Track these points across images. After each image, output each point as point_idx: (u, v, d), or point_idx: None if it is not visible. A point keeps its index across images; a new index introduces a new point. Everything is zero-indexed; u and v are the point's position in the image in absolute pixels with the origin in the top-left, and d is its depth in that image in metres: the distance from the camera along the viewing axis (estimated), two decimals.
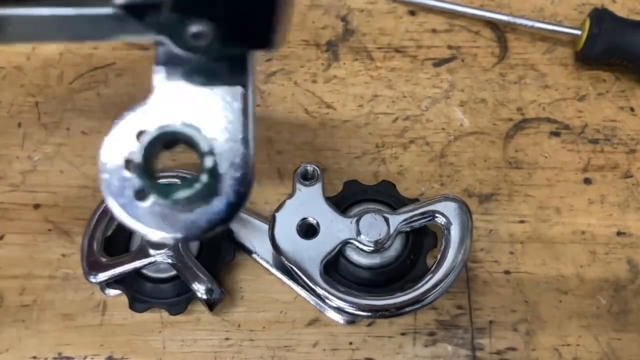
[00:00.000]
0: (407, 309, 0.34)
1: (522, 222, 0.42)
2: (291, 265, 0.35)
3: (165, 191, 0.21)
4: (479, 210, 0.42)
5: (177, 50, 0.21)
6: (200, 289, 0.35)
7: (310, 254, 0.35)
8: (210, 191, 0.22)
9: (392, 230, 0.36)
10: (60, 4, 0.21)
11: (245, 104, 0.23)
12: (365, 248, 0.36)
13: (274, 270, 0.39)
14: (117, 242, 0.38)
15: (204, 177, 0.22)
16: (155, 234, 0.22)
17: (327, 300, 0.34)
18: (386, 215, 0.36)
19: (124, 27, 0.21)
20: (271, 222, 0.37)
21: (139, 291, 0.37)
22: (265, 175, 0.43)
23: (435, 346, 0.38)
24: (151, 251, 0.36)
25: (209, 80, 0.22)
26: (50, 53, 0.47)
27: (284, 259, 0.36)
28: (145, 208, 0.21)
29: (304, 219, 0.37)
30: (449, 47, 0.48)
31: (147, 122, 0.22)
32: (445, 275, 0.34)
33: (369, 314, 0.35)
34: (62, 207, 0.42)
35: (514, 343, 0.38)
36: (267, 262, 0.39)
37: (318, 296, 0.35)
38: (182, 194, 0.21)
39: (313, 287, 0.35)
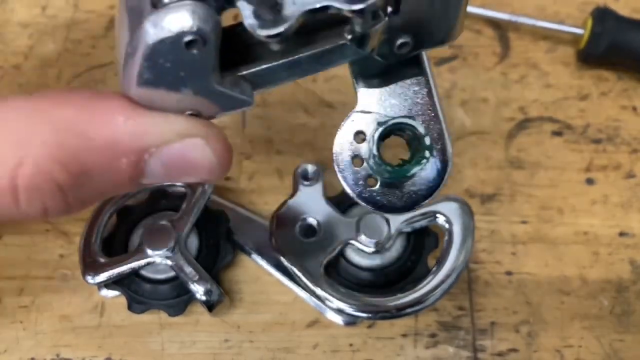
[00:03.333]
0: (408, 310, 0.34)
1: (524, 222, 0.42)
2: (291, 266, 0.35)
3: (400, 172, 0.27)
4: (480, 211, 0.42)
5: (373, 61, 0.26)
6: (199, 290, 0.35)
7: (311, 255, 0.35)
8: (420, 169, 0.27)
9: (392, 230, 0.36)
10: (305, 48, 0.25)
11: (429, 89, 0.28)
12: (365, 249, 0.36)
13: (273, 271, 0.39)
14: (116, 242, 0.38)
15: (427, 154, 0.27)
16: (388, 209, 0.27)
17: (327, 302, 0.34)
18: (387, 215, 0.36)
19: (344, 54, 0.26)
20: (271, 222, 0.37)
21: (138, 292, 0.37)
22: (265, 175, 0.43)
23: (436, 348, 0.38)
24: (150, 252, 0.36)
25: (397, 79, 0.27)
26: (48, 52, 0.47)
27: (284, 259, 0.35)
28: (376, 190, 0.27)
29: (304, 219, 0.36)
30: (450, 46, 0.47)
31: (363, 122, 0.28)
32: (447, 276, 0.34)
33: (370, 315, 0.34)
34: None
35: (516, 344, 0.38)
36: (267, 263, 0.39)
37: (318, 297, 0.34)
38: (414, 169, 0.27)
39: (313, 288, 0.34)
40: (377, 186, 0.27)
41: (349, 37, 0.24)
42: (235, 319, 0.38)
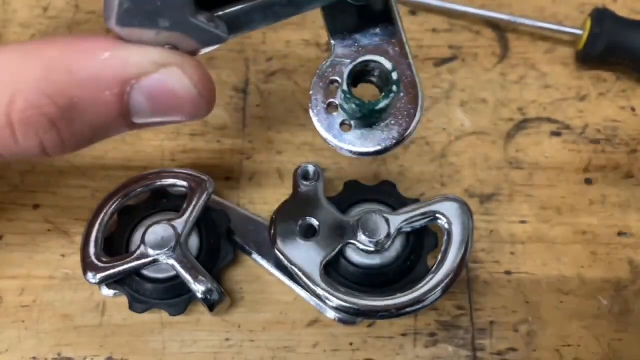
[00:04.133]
0: (407, 310, 0.34)
1: (522, 222, 0.42)
2: (291, 266, 0.35)
3: (369, 105, 0.28)
4: (479, 211, 0.42)
5: (345, 11, 0.28)
6: (199, 290, 0.35)
7: (310, 255, 0.35)
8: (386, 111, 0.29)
9: (392, 230, 0.36)
10: None
11: (400, 38, 0.29)
12: (365, 248, 0.36)
13: (273, 271, 0.39)
14: (117, 242, 0.38)
15: (394, 88, 0.28)
16: (361, 149, 0.29)
17: (327, 301, 0.34)
18: (386, 215, 0.36)
19: None
20: (271, 222, 0.37)
21: (139, 291, 0.37)
22: (265, 175, 0.43)
23: (435, 347, 0.38)
24: (150, 251, 0.36)
25: (368, 25, 0.29)
26: None
27: (283, 259, 0.35)
28: (350, 134, 0.29)
29: (304, 219, 0.36)
30: (450, 46, 0.48)
31: (335, 70, 0.29)
32: (446, 276, 0.34)
33: (369, 314, 0.34)
34: (61, 207, 0.41)
35: (515, 343, 0.38)
36: (267, 263, 0.39)
37: (318, 297, 0.35)
38: (382, 103, 0.28)
39: (313, 287, 0.34)
40: (351, 131, 0.29)
41: None
42: (236, 318, 0.39)
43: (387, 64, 0.28)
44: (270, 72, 0.47)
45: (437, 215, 0.36)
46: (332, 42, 0.30)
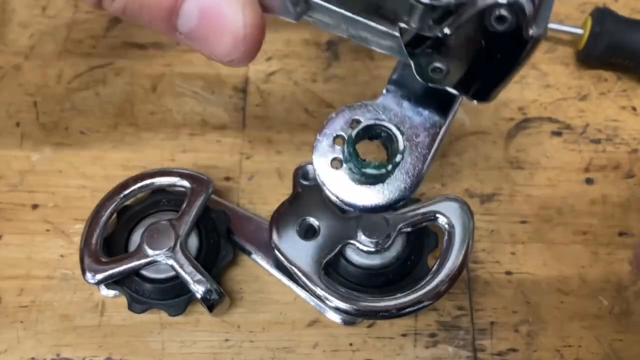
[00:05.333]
0: (407, 310, 0.34)
1: (523, 222, 0.42)
2: (291, 266, 0.35)
3: (361, 163, 0.28)
4: (480, 211, 0.42)
5: (413, 74, 0.27)
6: (199, 290, 0.35)
7: (310, 255, 0.35)
8: (387, 178, 0.29)
9: (392, 230, 0.36)
10: (367, 16, 0.27)
11: (439, 136, 0.29)
12: (365, 249, 0.36)
13: (273, 271, 0.39)
14: (116, 242, 0.38)
15: (390, 167, 0.28)
16: (335, 195, 0.28)
17: (327, 301, 0.34)
18: (387, 215, 0.36)
19: (389, 42, 0.27)
20: (271, 222, 0.37)
21: (138, 292, 0.37)
22: (265, 175, 0.43)
23: (436, 347, 0.38)
24: (150, 251, 0.36)
25: (422, 104, 0.29)
26: (49, 53, 0.47)
27: (283, 259, 0.35)
28: (336, 173, 0.28)
29: (304, 219, 0.36)
30: None
31: (365, 114, 0.29)
32: (447, 276, 0.34)
33: (369, 315, 0.34)
34: (60, 207, 0.41)
35: (516, 344, 0.38)
36: (267, 263, 0.39)
37: (318, 297, 0.34)
38: (371, 171, 0.28)
39: (313, 288, 0.34)
40: (340, 171, 0.28)
41: (401, 26, 0.26)
42: (236, 319, 0.38)
43: (401, 144, 0.28)
44: (271, 72, 0.47)
45: (438, 215, 0.36)
46: (385, 89, 0.29)
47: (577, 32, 0.46)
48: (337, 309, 0.34)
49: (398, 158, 0.28)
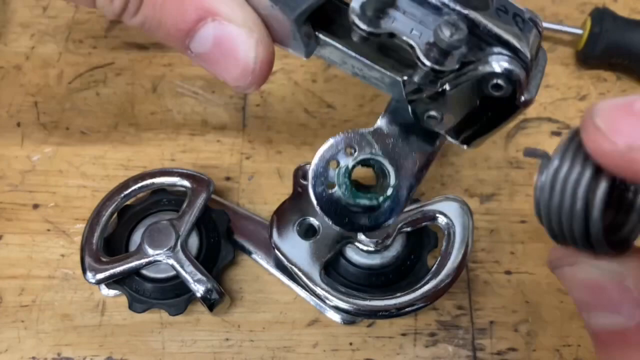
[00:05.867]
0: (407, 310, 0.34)
1: (523, 222, 0.42)
2: (291, 266, 0.35)
3: (354, 193, 0.29)
4: (479, 210, 0.42)
5: (404, 107, 0.30)
6: (199, 290, 0.35)
7: (310, 254, 0.35)
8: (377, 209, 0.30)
9: (392, 230, 0.36)
10: (371, 57, 0.28)
11: (425, 165, 0.31)
12: (365, 248, 0.36)
13: (273, 271, 0.39)
14: (117, 242, 0.38)
15: (381, 199, 0.30)
16: (326, 218, 0.30)
17: (327, 301, 0.34)
18: None
19: (394, 87, 0.29)
20: (271, 222, 0.37)
21: (139, 291, 0.37)
22: (265, 175, 0.43)
23: (435, 347, 0.38)
24: (150, 251, 0.36)
25: (411, 135, 0.31)
26: (50, 53, 0.47)
27: (283, 259, 0.35)
28: (328, 195, 0.29)
29: (304, 219, 0.36)
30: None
31: (364, 143, 0.30)
32: (446, 276, 0.34)
33: (369, 314, 0.34)
34: (61, 207, 0.41)
35: (515, 343, 0.38)
36: (267, 263, 0.39)
37: (318, 297, 0.35)
38: (364, 201, 0.29)
39: (313, 287, 0.34)
40: (331, 192, 0.29)
41: (404, 78, 0.28)
42: (236, 318, 0.39)
43: (393, 180, 0.30)
44: (270, 72, 0.47)
45: (438, 215, 0.36)
46: (379, 120, 0.31)
47: (577, 32, 0.46)
48: (337, 309, 0.34)
49: (389, 192, 0.30)
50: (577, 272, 0.23)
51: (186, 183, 0.39)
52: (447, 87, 0.26)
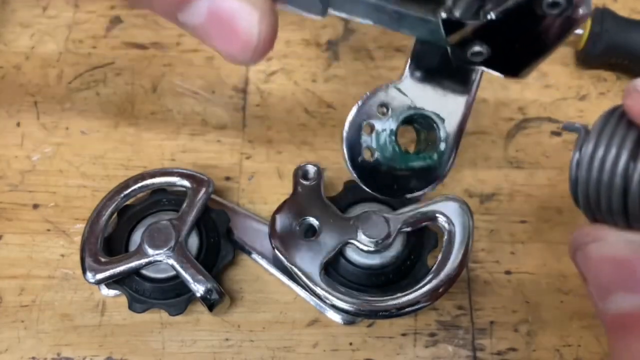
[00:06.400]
0: (407, 310, 0.34)
1: (523, 222, 0.42)
2: (291, 266, 0.35)
3: (405, 156, 0.28)
4: (479, 210, 0.42)
5: (431, 51, 0.27)
6: (199, 289, 0.35)
7: (310, 255, 0.35)
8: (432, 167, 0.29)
9: (392, 230, 0.36)
10: (398, 2, 0.26)
11: (468, 109, 0.29)
12: (365, 248, 0.36)
13: (273, 271, 0.39)
14: (117, 242, 0.38)
15: (435, 156, 0.28)
16: (369, 189, 0.29)
17: (327, 301, 0.34)
18: (386, 215, 0.36)
19: (422, 28, 0.26)
20: (271, 222, 0.37)
21: (139, 291, 0.37)
22: (265, 175, 0.43)
23: (435, 347, 0.38)
24: (150, 251, 0.36)
25: (443, 80, 0.28)
26: (49, 53, 0.47)
27: (283, 259, 0.35)
28: (367, 162, 0.28)
29: (304, 219, 0.36)
30: None
31: (396, 99, 0.28)
32: (446, 276, 0.34)
33: (369, 314, 0.34)
34: (61, 207, 0.41)
35: (515, 343, 0.38)
36: (267, 263, 0.39)
37: (318, 297, 0.35)
38: (418, 163, 0.28)
39: (313, 287, 0.34)
40: (370, 160, 0.28)
41: (444, 16, 0.25)
42: (236, 318, 0.39)
43: (442, 132, 0.28)
44: (271, 72, 0.47)
45: (438, 215, 0.36)
46: (407, 69, 0.28)
47: (577, 32, 0.46)
48: (337, 309, 0.34)
49: (442, 146, 0.28)
50: (604, 247, 0.22)
51: (186, 183, 0.39)
52: (492, 15, 0.24)
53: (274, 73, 0.47)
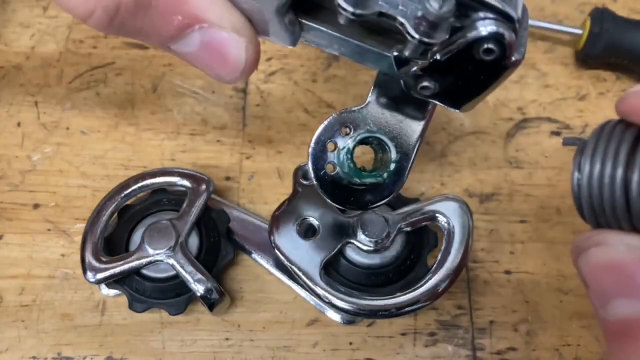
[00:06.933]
0: (407, 309, 0.34)
1: (522, 222, 0.42)
2: (291, 266, 0.35)
3: (359, 172, 0.30)
4: (479, 210, 0.42)
5: (392, 81, 0.30)
6: (200, 289, 0.35)
7: (310, 254, 0.35)
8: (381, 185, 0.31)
9: (392, 230, 0.36)
10: (360, 37, 0.29)
11: (421, 135, 0.31)
12: (365, 248, 0.36)
13: (273, 271, 0.39)
14: (117, 241, 0.38)
15: (386, 175, 0.31)
16: (329, 200, 0.31)
17: (327, 301, 0.34)
18: (386, 215, 0.36)
19: (383, 62, 0.29)
20: (271, 222, 0.37)
21: (139, 291, 0.37)
22: (265, 175, 0.43)
23: (435, 346, 0.38)
24: (150, 251, 0.36)
25: (402, 107, 0.31)
26: (50, 52, 0.47)
27: (283, 259, 0.35)
28: (329, 175, 0.30)
29: (304, 219, 0.36)
30: None
31: (358, 121, 0.31)
32: (446, 276, 0.34)
33: (369, 314, 0.34)
34: (61, 207, 0.42)
35: (515, 343, 0.38)
36: (267, 262, 0.39)
37: (318, 296, 0.35)
38: (369, 180, 0.30)
39: (313, 287, 0.34)
40: (332, 174, 0.30)
41: (395, 54, 0.28)
42: (236, 318, 0.39)
43: (394, 155, 0.30)
44: (271, 72, 0.47)
45: (437, 215, 0.36)
46: (370, 95, 0.31)
47: (576, 32, 0.46)
48: (337, 308, 0.34)
49: (392, 167, 0.30)
50: (606, 252, 0.22)
51: (186, 183, 0.39)
52: (438, 56, 0.26)
53: (274, 73, 0.47)
